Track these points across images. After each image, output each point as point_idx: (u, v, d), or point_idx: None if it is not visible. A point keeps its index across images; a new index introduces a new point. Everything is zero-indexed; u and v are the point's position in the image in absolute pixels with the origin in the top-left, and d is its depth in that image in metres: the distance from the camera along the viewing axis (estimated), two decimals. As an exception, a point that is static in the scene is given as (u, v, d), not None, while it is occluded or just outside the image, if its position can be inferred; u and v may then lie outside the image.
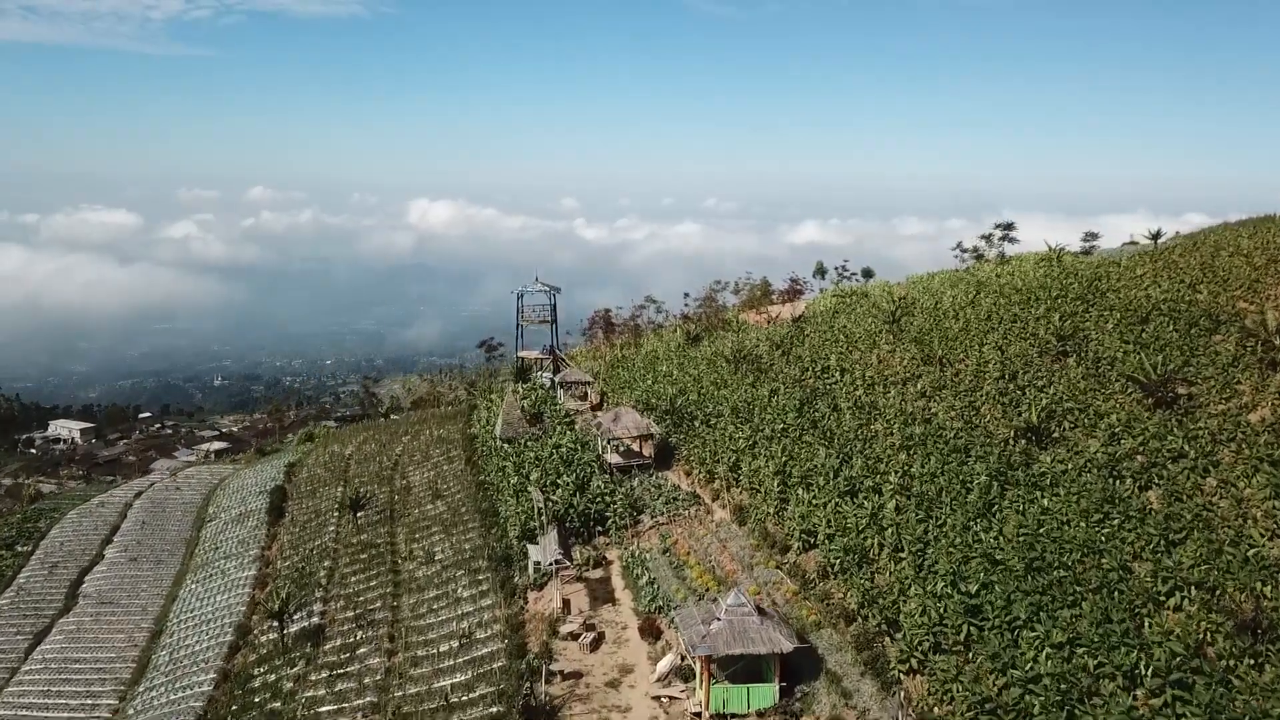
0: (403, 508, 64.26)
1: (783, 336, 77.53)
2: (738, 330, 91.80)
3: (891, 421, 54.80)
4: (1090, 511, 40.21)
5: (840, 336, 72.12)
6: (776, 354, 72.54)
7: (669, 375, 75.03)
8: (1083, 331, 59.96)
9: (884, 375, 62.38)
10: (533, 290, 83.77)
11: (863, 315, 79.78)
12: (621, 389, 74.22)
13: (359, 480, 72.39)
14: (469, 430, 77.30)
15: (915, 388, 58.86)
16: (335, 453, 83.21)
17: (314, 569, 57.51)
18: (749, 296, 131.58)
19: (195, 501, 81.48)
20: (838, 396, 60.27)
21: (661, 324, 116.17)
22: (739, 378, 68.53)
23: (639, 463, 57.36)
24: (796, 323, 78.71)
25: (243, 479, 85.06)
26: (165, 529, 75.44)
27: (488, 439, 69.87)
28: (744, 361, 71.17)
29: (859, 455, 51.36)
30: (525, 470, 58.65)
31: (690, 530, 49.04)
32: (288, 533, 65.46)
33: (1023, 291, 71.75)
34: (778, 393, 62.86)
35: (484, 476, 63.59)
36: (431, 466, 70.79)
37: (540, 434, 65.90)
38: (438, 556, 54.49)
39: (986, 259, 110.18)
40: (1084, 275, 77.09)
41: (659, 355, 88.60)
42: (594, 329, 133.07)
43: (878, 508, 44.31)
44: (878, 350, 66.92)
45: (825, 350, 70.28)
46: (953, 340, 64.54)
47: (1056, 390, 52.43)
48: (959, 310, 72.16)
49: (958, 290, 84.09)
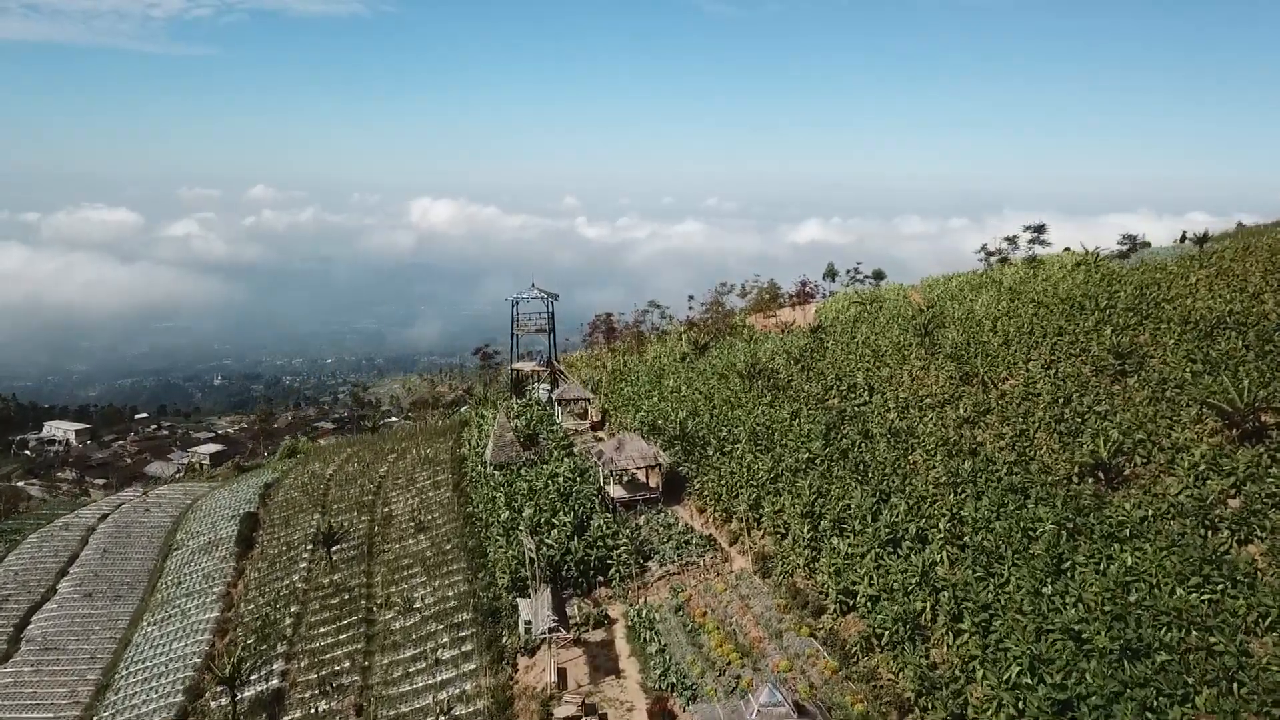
0: (382, 541, 57.20)
1: (801, 348, 70.38)
2: (749, 340, 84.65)
3: (932, 452, 47.68)
4: (1186, 573, 33.24)
5: (866, 350, 64.97)
6: (795, 368, 65.39)
7: (676, 391, 67.87)
8: (1141, 347, 52.95)
9: (919, 396, 55.27)
10: (529, 297, 76.56)
11: (886, 324, 72.62)
12: (624, 406, 67.07)
13: (338, 507, 65.34)
14: (458, 450, 70.22)
15: (956, 411, 51.75)
16: (315, 473, 76.17)
17: (279, 616, 50.45)
18: (757, 299, 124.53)
19: (164, 525, 74.45)
20: (869, 420, 53.13)
21: (666, 330, 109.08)
22: (755, 396, 61.42)
23: (645, 496, 50.27)
24: (815, 333, 71.55)
25: (216, 500, 78.02)
26: (128, 558, 68.39)
27: (478, 462, 62.82)
28: (759, 377, 64.05)
29: (899, 494, 44.28)
30: (517, 504, 51.59)
31: (706, 583, 41.92)
32: (255, 569, 58.39)
33: (1066, 300, 64.61)
34: (800, 415, 55.73)
35: (472, 507, 56.52)
36: (416, 493, 63.73)
37: (535, 459, 58.86)
38: (417, 605, 47.43)
39: (1011, 262, 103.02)
40: (1128, 281, 70.03)
41: (664, 366, 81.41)
42: (595, 334, 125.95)
43: (928, 564, 37.24)
44: (909, 366, 59.79)
45: (850, 365, 63.13)
46: (993, 356, 57.43)
47: (1122, 419, 45.33)
48: (995, 321, 65.04)
49: (987, 296, 76.99)
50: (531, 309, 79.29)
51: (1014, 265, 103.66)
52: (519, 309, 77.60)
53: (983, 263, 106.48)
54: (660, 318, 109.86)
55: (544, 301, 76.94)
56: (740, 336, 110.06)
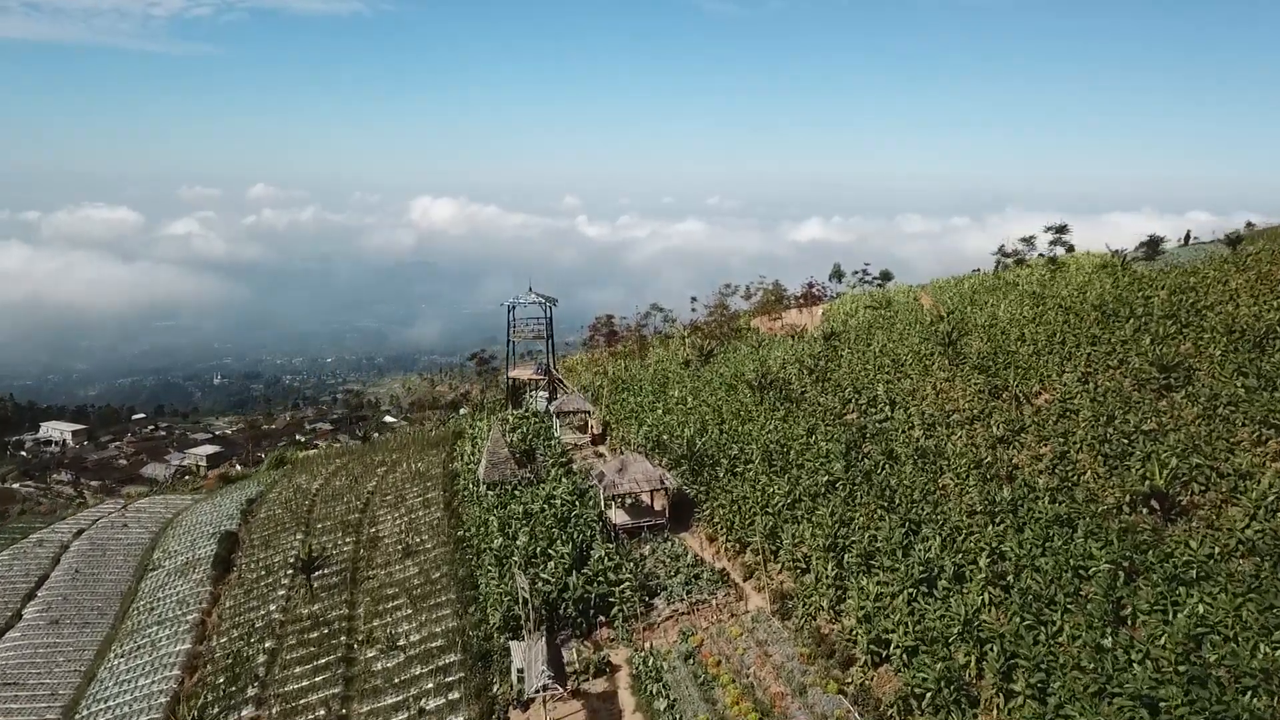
0: (367, 566, 52.83)
1: (813, 356, 65.96)
2: (755, 345, 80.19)
3: (964, 476, 43.29)
4: (1269, 624, 28.95)
5: (884, 359, 60.52)
6: (808, 379, 60.99)
7: (682, 403, 63.46)
8: (1186, 359, 48.58)
9: (945, 411, 50.87)
10: (525, 301, 72.05)
11: (904, 331, 68.19)
12: (627, 418, 62.64)
13: (322, 526, 60.96)
14: (450, 464, 65.87)
15: (987, 429, 47.34)
16: (301, 487, 71.75)
17: (253, 652, 46.06)
18: (762, 301, 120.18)
19: (141, 543, 70.09)
20: (893, 439, 48.70)
21: (669, 334, 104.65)
22: (766, 409, 57.01)
23: (650, 522, 45.86)
24: (829, 340, 67.12)
25: (198, 515, 73.64)
26: (100, 579, 64.02)
27: (470, 479, 58.45)
28: (770, 388, 59.64)
29: (930, 523, 39.90)
30: (511, 529, 47.22)
31: (719, 625, 37.55)
32: (231, 595, 54.00)
33: (1098, 307, 60.20)
34: (817, 432, 51.31)
35: (464, 531, 52.14)
36: (405, 512, 59.33)
37: (531, 477, 54.50)
38: (401, 642, 43.04)
39: (1028, 263, 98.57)
40: (1159, 286, 65.61)
41: (668, 374, 76.97)
42: (595, 337, 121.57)
43: (971, 611, 32.86)
44: (933, 378, 55.37)
45: (868, 376, 58.70)
46: (1024, 367, 53.04)
47: (1174, 440, 40.94)
48: (1022, 328, 60.65)
49: (1009, 301, 72.56)
50: (529, 314, 74.88)
51: (1030, 267, 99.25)
52: (515, 314, 73.09)
53: (1000, 263, 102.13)
54: (663, 321, 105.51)
55: (542, 306, 72.43)
56: (745, 340, 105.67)
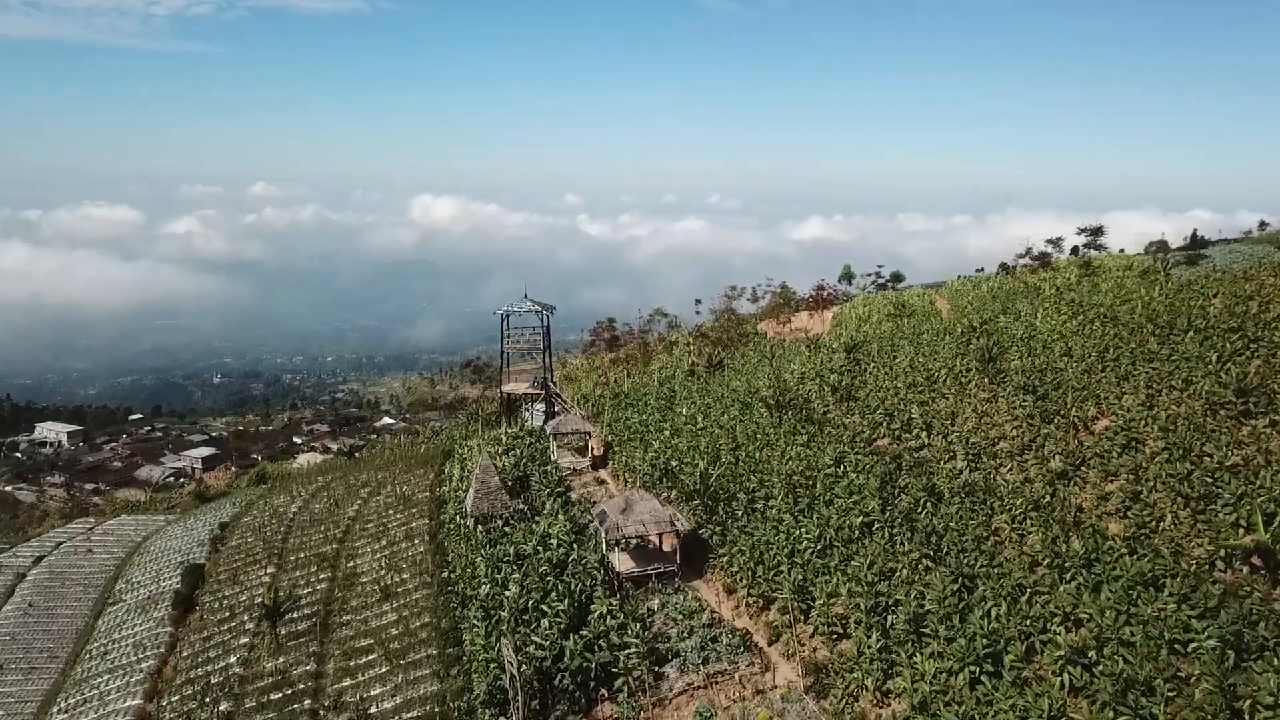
0: (341, 611, 46.68)
1: (835, 371, 59.77)
2: (770, 357, 73.91)
3: (1020, 518, 37.14)
4: None
5: (915, 375, 54.31)
6: (831, 397, 54.80)
7: (691, 421, 57.29)
8: (1264, 380, 42.44)
9: (989, 438, 44.68)
10: (521, 309, 65.80)
11: (933, 341, 62.02)
12: (631, 439, 56.44)
13: (295, 559, 54.84)
14: (438, 488, 59.74)
15: (1041, 461, 41.16)
16: (278, 510, 65.62)
17: (207, 716, 39.97)
18: (771, 305, 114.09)
19: (105, 571, 63.99)
20: (933, 471, 42.53)
21: (673, 340, 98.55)
22: (786, 432, 50.84)
23: (659, 569, 39.67)
24: (851, 352, 60.88)
25: (167, 540, 67.55)
26: (56, 615, 57.96)
27: (458, 508, 52.30)
28: (789, 407, 53.47)
29: (985, 578, 33.73)
30: (501, 574, 41.07)
31: (742, 703, 31.38)
32: (191, 643, 47.87)
33: (1151, 319, 54.03)
34: (845, 461, 45.14)
35: (450, 571, 46.04)
36: (387, 544, 53.20)
37: (524, 509, 48.35)
38: (374, 709, 36.96)
39: (1054, 266, 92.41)
40: (1211, 293, 59.49)
41: (675, 388, 70.78)
42: (596, 342, 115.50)
43: (1056, 708, 26.73)
44: (972, 399, 49.19)
45: (898, 394, 52.54)
46: (1076, 387, 46.87)
47: (1269, 480, 34.82)
48: (1066, 341, 54.48)
49: (1044, 309, 66.37)
50: (524, 322, 68.74)
51: (1056, 269, 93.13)
52: (510, 323, 66.87)
53: (1017, 264, 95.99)
54: (668, 328, 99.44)
55: (538, 315, 66.17)
56: (754, 346, 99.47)
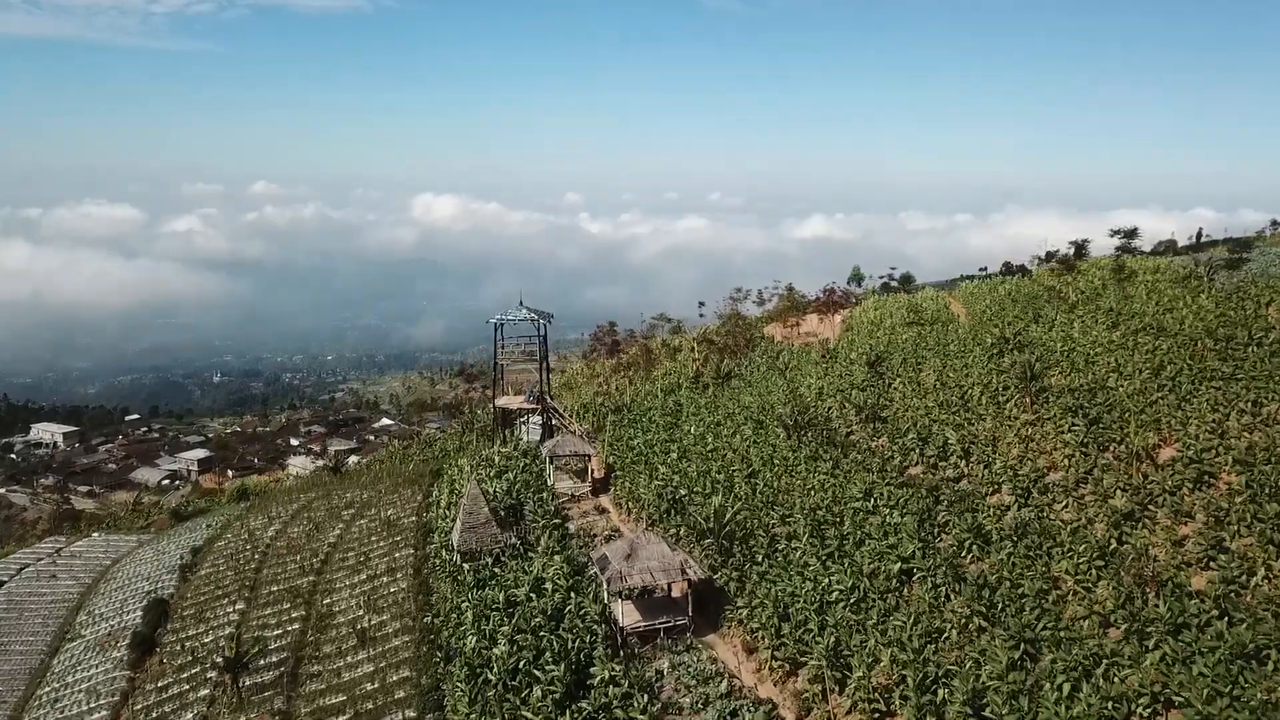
0: (312, 659, 41.53)
1: (857, 386, 54.59)
2: (783, 369, 68.63)
3: (1084, 567, 32.02)
4: None
5: (947, 393, 49.10)
6: (855, 416, 49.61)
7: (700, 441, 52.15)
8: (1350, 404, 37.31)
9: (1038, 468, 39.50)
10: (515, 318, 60.52)
11: (959, 353, 56.86)
12: (635, 462, 51.22)
13: (268, 593, 49.73)
14: (425, 512, 54.63)
15: (1101, 497, 36.00)
16: (255, 533, 60.49)
17: (153, 788, 34.99)
18: (779, 307, 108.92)
19: (68, 600, 58.92)
20: (977, 506, 37.38)
21: (677, 346, 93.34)
22: (805, 457, 45.69)
23: (668, 623, 34.50)
24: (874, 367, 55.66)
25: (137, 565, 62.46)
26: (9, 651, 52.73)
27: (444, 540, 47.13)
28: (809, 428, 48.33)
29: (1051, 645, 28.55)
30: (490, 625, 35.94)
31: (770, 800, 26.38)
32: (145, 693, 42.77)
33: (1209, 330, 48.88)
34: (875, 493, 40.01)
35: (433, 615, 40.90)
36: (368, 578, 48.06)
37: (517, 543, 43.20)
38: (341, 788, 31.90)
39: (1078, 268, 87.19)
40: (1264, 300, 54.41)
41: (681, 399, 65.66)
42: (597, 346, 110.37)
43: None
44: (1013, 421, 44.00)
45: (928, 413, 47.34)
46: (1131, 409, 41.69)
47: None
48: (1111, 354, 49.32)
49: (1077, 316, 61.19)
50: (520, 331, 63.50)
51: (1082, 272, 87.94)
52: (503, 331, 61.59)
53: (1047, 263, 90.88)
54: (672, 333, 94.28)
55: (534, 323, 60.87)
56: (762, 352, 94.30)
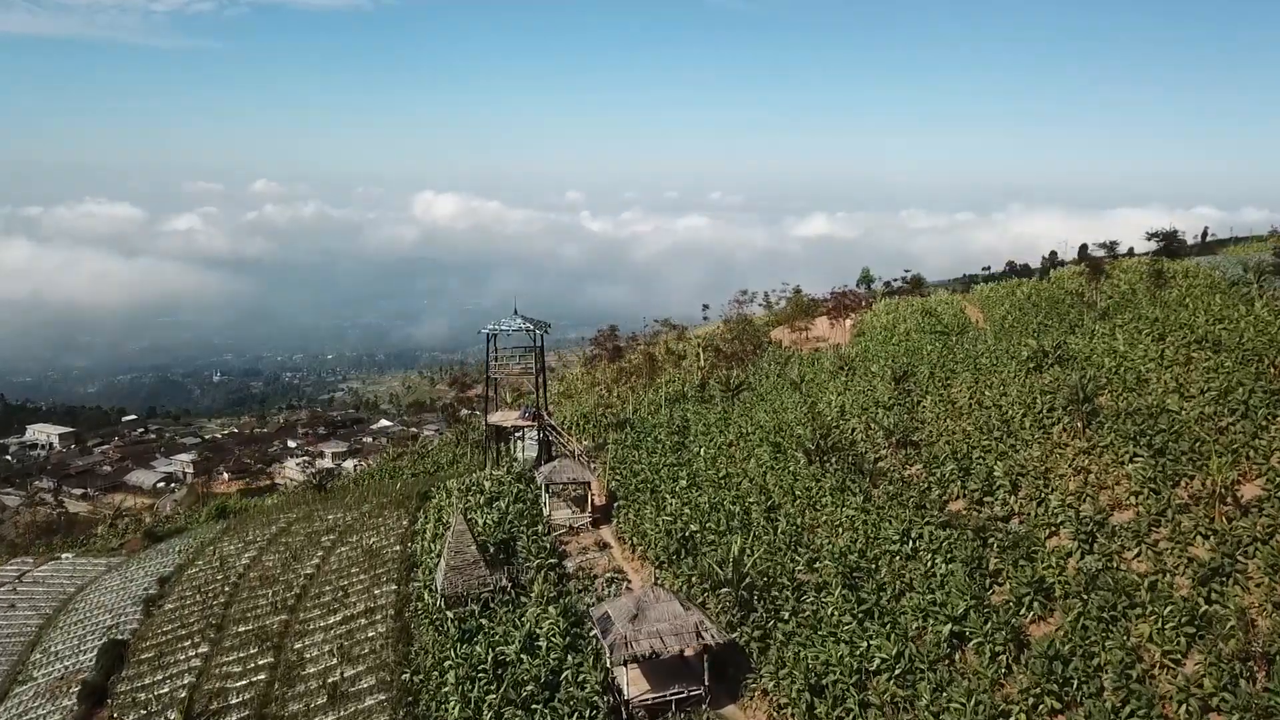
0: (277, 718, 36.55)
1: (883, 405, 49.47)
2: (800, 381, 63.45)
3: (1171, 634, 27.00)
4: None
5: (985, 414, 43.96)
6: (885, 441, 44.51)
7: (711, 465, 47.05)
8: None
9: (1100, 507, 34.44)
10: (509, 328, 55.29)
11: (993, 366, 51.75)
12: (639, 490, 46.08)
13: (235, 634, 44.68)
14: (410, 542, 49.56)
15: (1179, 543, 30.95)
16: (228, 560, 55.41)
17: None
18: (787, 310, 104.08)
19: (25, 634, 53.86)
20: (1034, 552, 32.35)
21: (682, 353, 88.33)
22: (831, 487, 40.64)
23: (680, 694, 29.47)
24: (900, 383, 50.53)
25: (101, 594, 57.42)
26: (-45, 694, 48.01)
27: (428, 579, 42.05)
28: (833, 453, 43.27)
29: (1148, 737, 23.61)
30: (475, 691, 30.94)
31: None
32: (90, 755, 37.89)
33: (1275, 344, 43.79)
34: (914, 531, 34.99)
35: (412, 671, 35.86)
36: (344, 620, 42.99)
37: (508, 586, 38.17)
38: None
39: (1108, 272, 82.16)
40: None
41: (688, 415, 60.57)
42: (599, 352, 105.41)
43: None
44: (1063, 449, 38.91)
45: (967, 438, 42.23)
46: (1203, 438, 36.62)
47: None
48: (1168, 372, 44.24)
49: (1119, 326, 56.12)
50: (514, 341, 58.42)
51: (1111, 276, 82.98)
52: (496, 341, 56.40)
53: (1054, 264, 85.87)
54: (678, 340, 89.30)
55: (530, 334, 55.68)
56: (771, 358, 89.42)
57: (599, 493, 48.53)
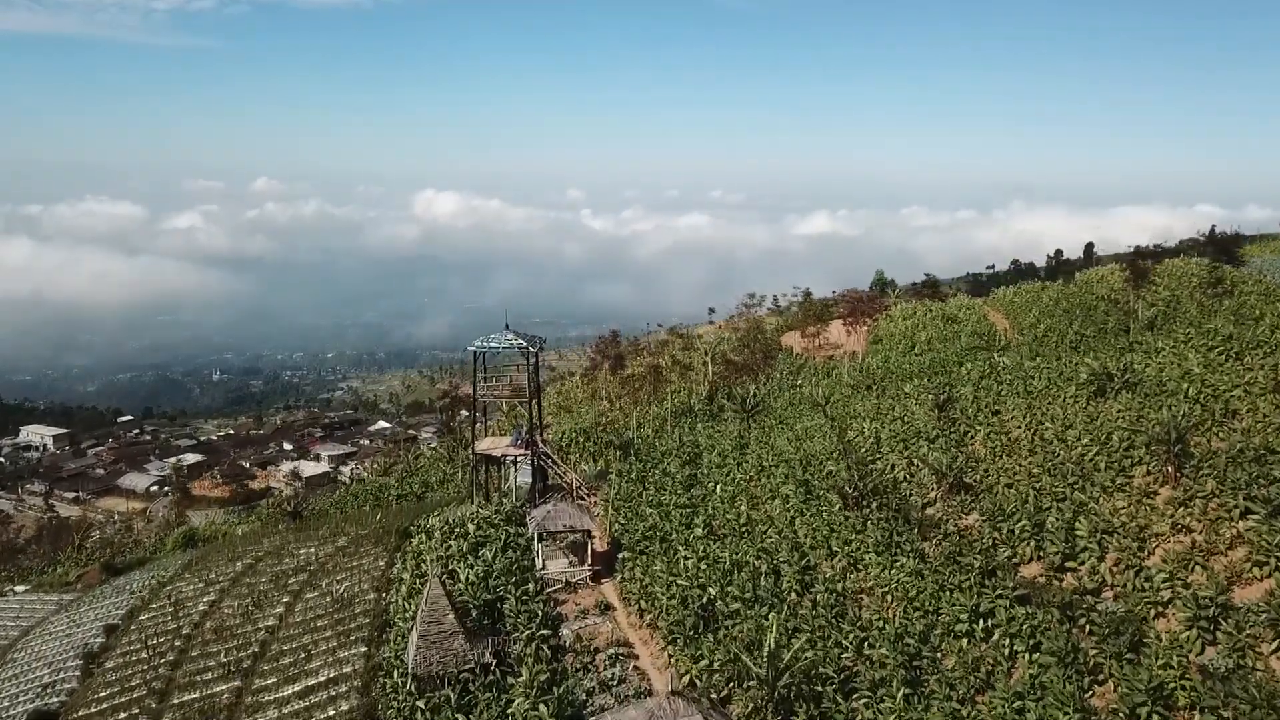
0: (214, 826, 30.08)
1: (925, 435, 42.68)
2: (825, 404, 56.57)
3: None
4: None
5: (1050, 451, 37.20)
6: (934, 482, 37.81)
7: (731, 508, 40.32)
8: None
9: (1216, 577, 27.84)
10: (499, 346, 48.02)
11: (1046, 389, 44.99)
12: (647, 540, 39.32)
13: (178, 704, 38.08)
14: (385, 591, 42.89)
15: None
16: (185, 603, 48.85)
17: None
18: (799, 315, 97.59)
19: (-45, 688, 47.63)
20: (1144, 644, 25.74)
21: (689, 364, 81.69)
22: (873, 540, 34.06)
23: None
24: (943, 409, 43.78)
25: (46, 639, 50.87)
26: None
27: (399, 645, 35.43)
28: (874, 496, 36.65)
29: None
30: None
31: None
32: None
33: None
34: (985, 605, 28.40)
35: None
36: (304, 692, 36.35)
37: (492, 662, 31.58)
38: None
39: (1153, 280, 75.51)
40: None
41: (699, 439, 53.90)
42: (600, 360, 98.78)
43: None
44: (1151, 499, 32.26)
45: (1031, 481, 35.56)
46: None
47: None
48: (1259, 401, 37.56)
49: (1189, 344, 49.34)
50: (505, 360, 51.65)
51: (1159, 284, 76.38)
52: (484, 360, 49.50)
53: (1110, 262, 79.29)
54: (684, 350, 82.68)
55: (523, 351, 48.65)
56: (783, 368, 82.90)
57: (601, 537, 41.83)
